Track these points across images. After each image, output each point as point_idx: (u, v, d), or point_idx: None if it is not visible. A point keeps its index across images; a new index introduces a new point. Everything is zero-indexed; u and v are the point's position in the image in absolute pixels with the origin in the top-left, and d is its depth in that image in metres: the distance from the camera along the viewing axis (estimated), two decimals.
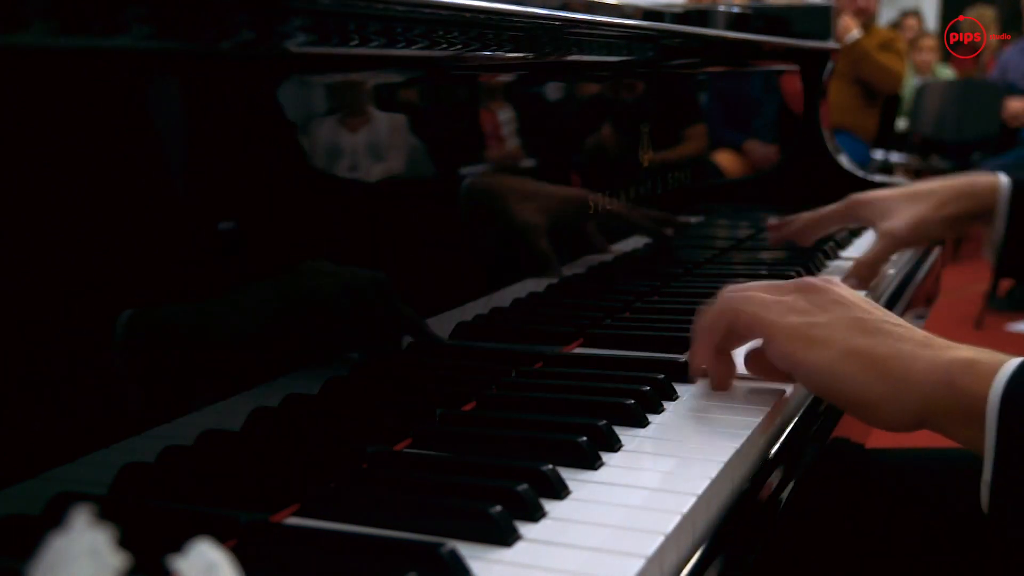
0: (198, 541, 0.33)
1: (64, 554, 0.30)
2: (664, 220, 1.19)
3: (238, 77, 0.60)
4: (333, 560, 0.48)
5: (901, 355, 0.64)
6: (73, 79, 0.50)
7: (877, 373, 0.64)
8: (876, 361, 0.64)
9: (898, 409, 0.63)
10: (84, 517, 0.30)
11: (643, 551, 0.49)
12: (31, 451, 0.49)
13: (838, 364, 0.65)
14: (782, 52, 1.58)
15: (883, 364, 0.64)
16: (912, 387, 0.63)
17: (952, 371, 0.62)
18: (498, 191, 0.88)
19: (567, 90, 0.99)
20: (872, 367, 0.64)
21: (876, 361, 0.64)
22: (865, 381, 0.64)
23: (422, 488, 0.56)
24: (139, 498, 0.53)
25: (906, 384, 0.63)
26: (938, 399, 0.62)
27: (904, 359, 0.64)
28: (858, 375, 0.64)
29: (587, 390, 0.73)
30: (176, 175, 0.57)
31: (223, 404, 0.60)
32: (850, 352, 0.65)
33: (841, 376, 0.65)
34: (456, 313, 0.81)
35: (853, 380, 0.65)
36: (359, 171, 0.71)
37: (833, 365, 0.65)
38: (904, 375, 0.63)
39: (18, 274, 0.48)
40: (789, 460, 0.70)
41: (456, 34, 0.75)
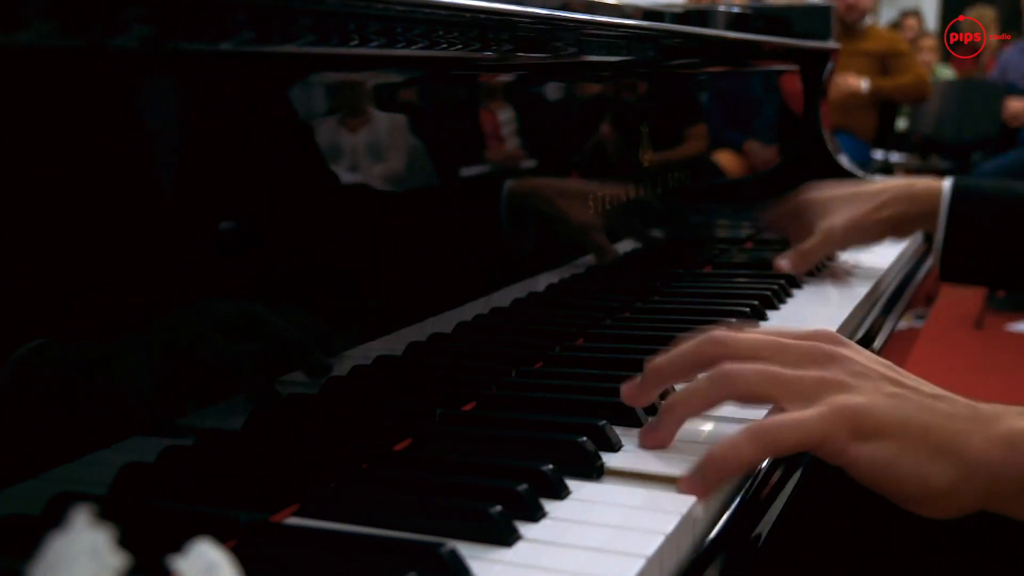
0: (198, 541, 0.33)
1: (64, 554, 0.30)
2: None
3: (238, 77, 0.60)
4: (333, 560, 0.48)
5: (957, 434, 0.57)
6: (73, 79, 0.50)
7: (942, 461, 0.57)
8: (938, 446, 0.57)
9: (965, 497, 0.58)
10: (84, 517, 0.30)
11: (643, 551, 0.49)
12: (31, 451, 0.49)
13: (902, 457, 0.57)
14: (782, 52, 1.58)
15: (945, 448, 0.57)
16: (976, 472, 0.57)
17: (1015, 446, 0.57)
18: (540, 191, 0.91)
19: (567, 90, 0.99)
20: (936, 454, 0.57)
21: (938, 446, 0.57)
22: (931, 473, 0.57)
23: (422, 488, 0.56)
24: (139, 498, 0.53)
25: (969, 470, 0.57)
26: (1002, 479, 0.57)
27: (961, 439, 0.57)
28: (924, 467, 0.57)
29: (587, 390, 0.73)
30: (175, 175, 0.57)
31: (223, 404, 0.60)
32: (911, 439, 0.57)
33: (906, 470, 0.57)
34: (456, 313, 0.81)
35: (920, 473, 0.57)
36: (359, 171, 0.71)
37: (897, 459, 0.57)
38: (965, 458, 0.57)
39: (18, 274, 0.48)
40: (791, 459, 0.70)
41: (456, 34, 0.75)
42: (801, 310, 1.04)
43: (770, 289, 1.04)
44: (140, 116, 0.54)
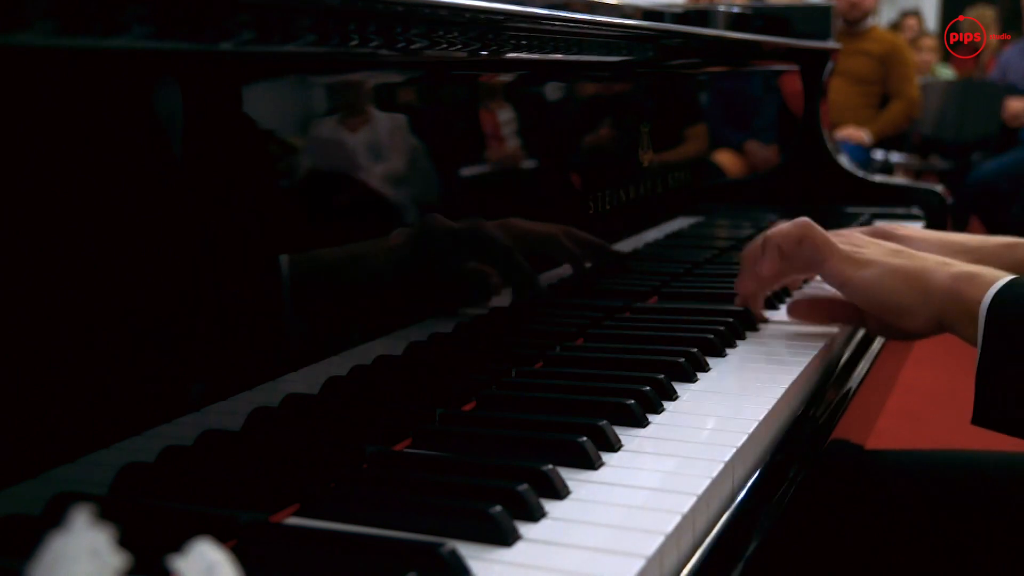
0: (198, 541, 0.33)
1: (64, 554, 0.30)
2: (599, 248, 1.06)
3: (238, 77, 0.60)
4: (333, 560, 0.48)
5: (926, 270, 0.81)
6: (73, 79, 0.50)
7: (909, 285, 0.81)
8: (908, 276, 0.81)
9: (924, 315, 0.80)
10: (84, 517, 0.30)
11: (643, 551, 0.49)
12: (31, 451, 0.49)
13: (880, 280, 0.82)
14: (782, 52, 1.58)
15: (913, 278, 0.81)
16: (933, 296, 0.79)
17: (959, 281, 0.78)
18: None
19: (567, 90, 0.99)
20: (905, 280, 0.81)
21: (908, 276, 0.81)
22: (901, 292, 0.81)
23: (422, 488, 0.56)
24: (139, 498, 0.53)
25: (929, 294, 0.79)
26: (949, 304, 0.78)
27: (927, 273, 0.80)
28: (896, 287, 0.81)
29: (587, 390, 0.73)
30: (175, 175, 0.57)
31: (223, 404, 0.60)
32: (889, 270, 0.82)
33: (882, 288, 0.82)
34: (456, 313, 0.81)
35: (892, 291, 0.82)
36: (359, 171, 0.71)
37: (876, 280, 0.82)
38: (927, 286, 0.80)
39: (18, 273, 0.48)
40: (790, 459, 0.70)
41: (456, 34, 0.75)
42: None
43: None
44: (140, 116, 0.54)
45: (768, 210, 1.57)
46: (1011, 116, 5.02)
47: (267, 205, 0.64)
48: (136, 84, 0.54)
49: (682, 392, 0.74)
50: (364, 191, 0.72)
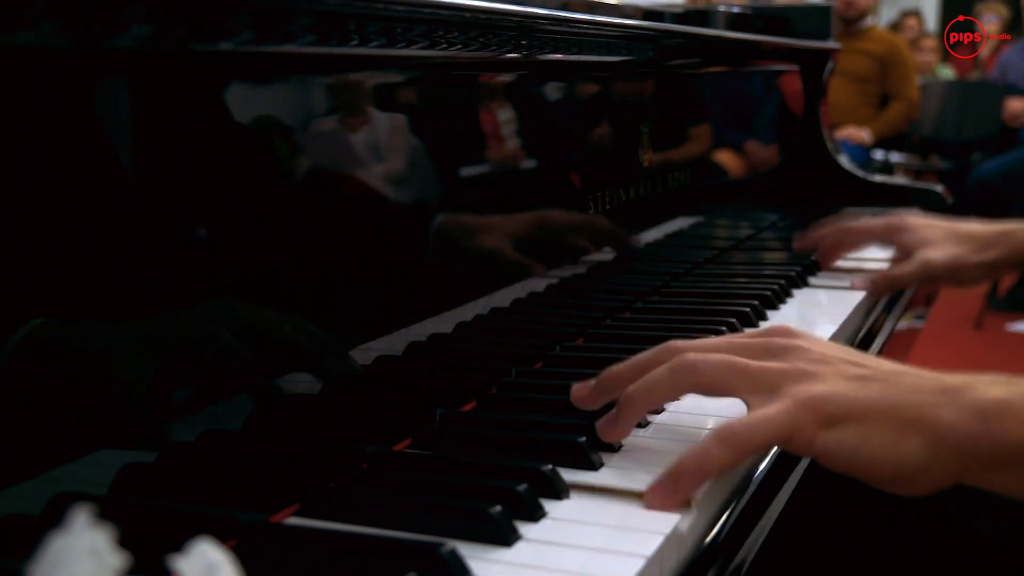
0: (198, 541, 0.33)
1: (64, 554, 0.30)
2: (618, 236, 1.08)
3: (238, 77, 0.60)
4: (333, 560, 0.48)
5: (924, 408, 0.56)
6: (73, 79, 0.50)
7: (911, 437, 0.56)
8: (906, 421, 0.56)
9: (937, 472, 0.56)
10: (84, 517, 0.30)
11: (643, 551, 0.49)
12: (31, 451, 0.49)
13: (871, 439, 0.56)
14: (782, 52, 1.58)
15: (913, 423, 0.56)
16: (946, 445, 0.55)
17: (987, 416, 0.55)
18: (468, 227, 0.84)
19: (567, 90, 0.99)
20: (905, 430, 0.56)
21: (906, 421, 0.56)
22: (901, 452, 0.56)
23: (422, 488, 0.56)
24: (139, 498, 0.53)
25: (939, 444, 0.55)
26: (976, 451, 0.55)
27: (929, 412, 0.56)
28: (894, 446, 0.56)
29: None
30: (175, 175, 0.57)
31: (223, 404, 0.60)
32: (879, 417, 0.56)
33: (876, 451, 0.56)
34: (456, 313, 0.81)
35: (890, 453, 0.56)
36: (359, 171, 0.71)
37: (866, 442, 0.56)
38: (936, 432, 0.55)
39: (18, 274, 0.48)
40: (791, 457, 0.70)
41: (456, 34, 0.75)
42: (801, 310, 1.04)
43: (770, 289, 1.04)
44: (140, 116, 0.54)
45: (768, 210, 1.57)
46: (1011, 116, 5.02)
47: (266, 205, 0.64)
48: (136, 84, 0.54)
49: None
50: (364, 191, 0.72)
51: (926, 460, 0.55)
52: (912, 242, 1.13)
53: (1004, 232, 1.12)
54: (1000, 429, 0.54)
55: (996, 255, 1.11)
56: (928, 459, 0.55)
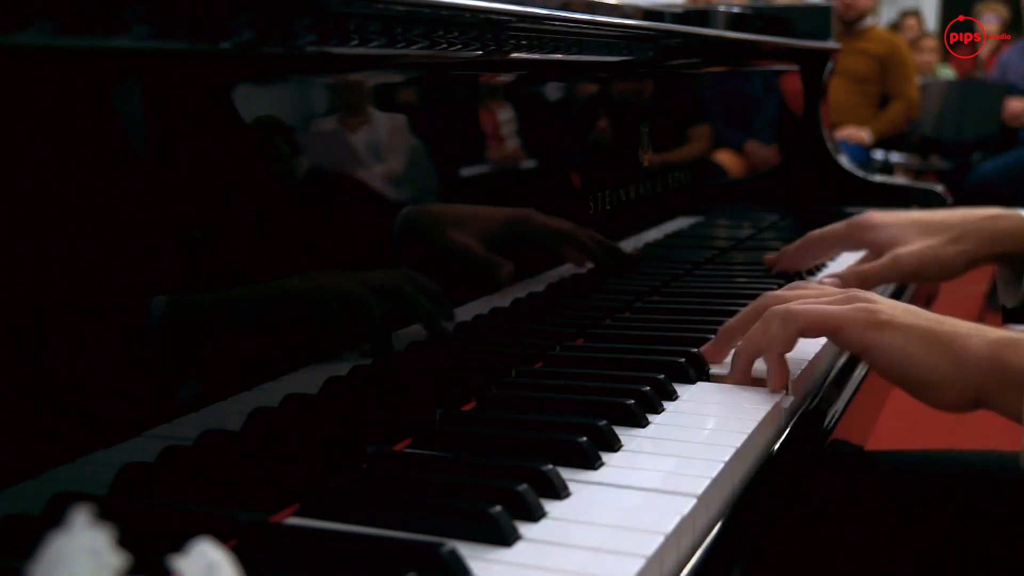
0: (198, 541, 0.33)
1: (64, 554, 0.30)
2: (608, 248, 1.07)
3: (238, 77, 0.60)
4: (333, 560, 0.48)
5: (958, 335, 0.70)
6: (73, 79, 0.50)
7: (942, 353, 0.69)
8: (941, 341, 0.70)
9: (959, 388, 0.69)
10: (84, 517, 0.30)
11: (643, 551, 0.49)
12: (31, 451, 0.49)
13: (908, 345, 0.70)
14: (782, 52, 1.58)
15: (946, 344, 0.69)
16: (969, 365, 0.68)
17: (1000, 348, 0.68)
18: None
19: (567, 90, 0.99)
20: (938, 347, 0.69)
21: (941, 341, 0.70)
22: (932, 361, 0.69)
23: (422, 488, 0.56)
24: (139, 498, 0.53)
25: (965, 363, 0.68)
26: (990, 375, 0.68)
27: (960, 339, 0.69)
28: (927, 355, 0.70)
29: (587, 390, 0.73)
30: (175, 175, 0.57)
31: (223, 404, 0.60)
32: (918, 333, 0.70)
33: (912, 356, 0.70)
34: (459, 312, 0.81)
35: (923, 361, 0.70)
36: (359, 171, 0.71)
37: (904, 346, 0.70)
38: (963, 354, 0.69)
39: (18, 274, 0.48)
40: (789, 460, 0.70)
41: (456, 34, 0.75)
42: None
43: (769, 289, 1.04)
44: (140, 116, 0.54)
45: (768, 210, 1.57)
46: (1011, 116, 5.02)
47: (266, 205, 0.64)
48: (135, 84, 0.54)
49: (682, 392, 0.74)
50: (364, 191, 0.72)
51: (952, 376, 0.69)
52: (882, 239, 1.06)
53: (985, 218, 1.04)
54: (1008, 355, 0.67)
55: (973, 244, 1.03)
56: (954, 376, 0.69)
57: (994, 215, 1.04)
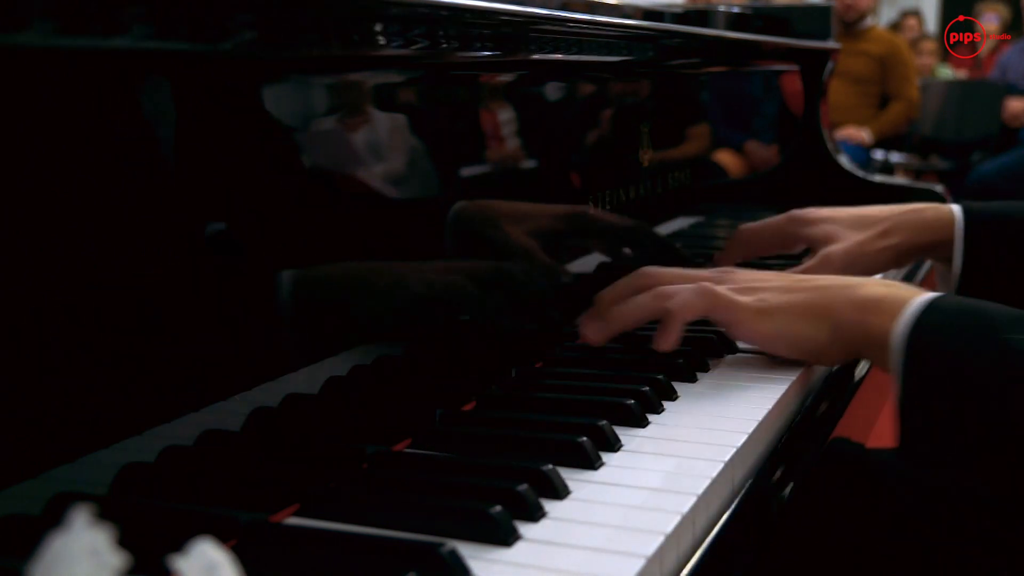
0: (198, 541, 0.33)
1: (64, 554, 0.30)
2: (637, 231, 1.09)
3: (238, 77, 0.60)
4: (333, 560, 0.48)
5: (828, 303, 0.76)
6: (73, 79, 0.50)
7: (815, 323, 0.76)
8: (813, 312, 0.77)
9: (837, 350, 0.77)
10: (84, 517, 0.30)
11: (643, 551, 0.49)
12: (31, 451, 0.49)
13: (788, 326, 0.78)
14: (782, 52, 1.58)
15: (818, 314, 0.76)
16: (840, 331, 0.75)
17: (865, 311, 0.73)
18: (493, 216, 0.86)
19: (567, 90, 0.99)
20: (811, 319, 0.77)
21: (813, 312, 0.77)
22: (809, 333, 0.77)
23: (422, 488, 0.56)
24: (139, 498, 0.53)
25: (836, 329, 0.75)
26: (859, 338, 0.74)
27: (830, 306, 0.76)
28: (804, 330, 0.77)
29: (587, 390, 0.73)
30: (175, 176, 0.57)
31: (223, 404, 0.60)
32: (793, 312, 0.77)
33: (792, 334, 0.78)
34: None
35: (804, 335, 0.77)
36: (358, 171, 0.71)
37: (785, 328, 0.78)
38: (833, 321, 0.75)
39: (18, 274, 0.48)
40: (789, 459, 0.70)
41: (456, 34, 0.75)
42: None
43: None
44: (139, 116, 0.54)
45: (768, 210, 1.56)
46: (1011, 116, 5.03)
47: (268, 206, 0.64)
48: (135, 84, 0.54)
49: (682, 392, 0.74)
50: (364, 192, 0.72)
51: (830, 340, 0.76)
52: (817, 236, 1.04)
53: (910, 210, 1.04)
54: (873, 319, 0.72)
55: (900, 238, 1.03)
56: (831, 340, 0.76)
57: (920, 208, 1.05)
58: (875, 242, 1.03)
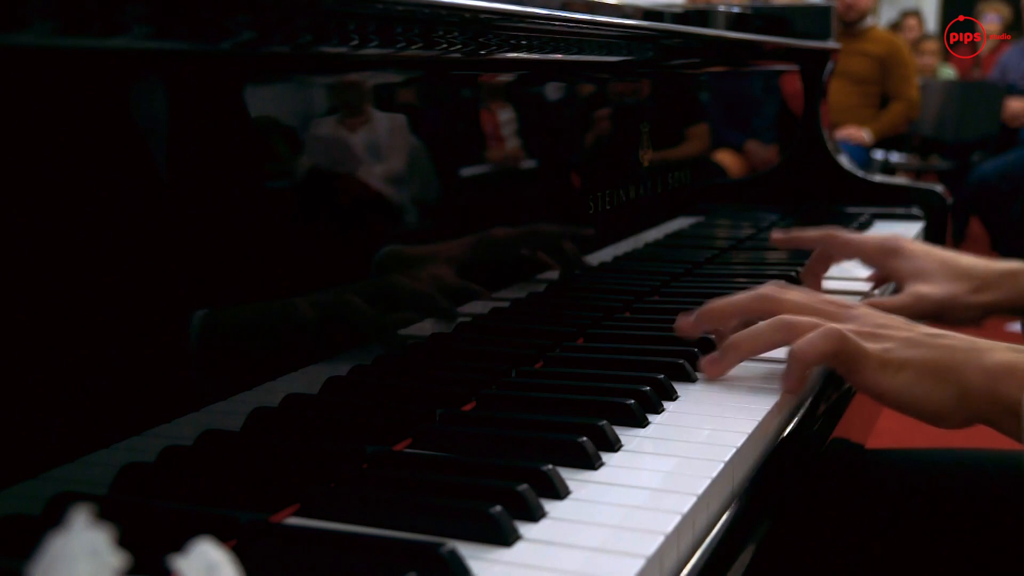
0: (198, 541, 0.33)
1: (64, 554, 0.30)
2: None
3: (238, 77, 0.60)
4: (333, 560, 0.48)
5: (956, 364, 0.72)
6: (74, 79, 0.50)
7: (942, 385, 0.72)
8: (940, 373, 0.72)
9: (960, 416, 0.72)
10: (84, 517, 0.30)
11: (643, 551, 0.49)
12: (31, 451, 0.49)
13: (914, 385, 0.73)
14: (782, 52, 1.58)
15: (946, 375, 0.72)
16: (968, 395, 0.71)
17: (997, 380, 0.70)
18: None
19: (567, 90, 0.99)
20: (938, 380, 0.72)
21: (940, 373, 0.72)
22: (936, 397, 0.72)
23: (422, 488, 0.56)
24: (139, 498, 0.53)
25: (964, 394, 0.71)
26: (987, 404, 0.70)
27: (960, 369, 0.72)
28: (930, 391, 0.72)
29: (587, 390, 0.73)
30: (175, 176, 0.57)
31: (223, 404, 0.60)
32: (923, 369, 0.73)
33: (917, 395, 0.73)
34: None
35: (928, 397, 0.72)
36: (359, 171, 0.71)
37: (910, 386, 0.73)
38: (961, 385, 0.71)
39: (18, 274, 0.48)
40: (790, 459, 0.70)
41: (456, 34, 0.75)
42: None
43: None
44: (139, 116, 0.54)
45: (768, 210, 1.57)
46: (1011, 116, 5.03)
47: (266, 205, 0.64)
48: (135, 84, 0.54)
49: (682, 392, 0.74)
50: (363, 192, 0.72)
51: (955, 405, 0.72)
52: (906, 271, 1.03)
53: (1008, 273, 1.02)
54: (1004, 387, 0.69)
55: (995, 297, 1.02)
56: (956, 404, 0.72)
57: (1016, 270, 1.02)
58: (969, 296, 1.01)
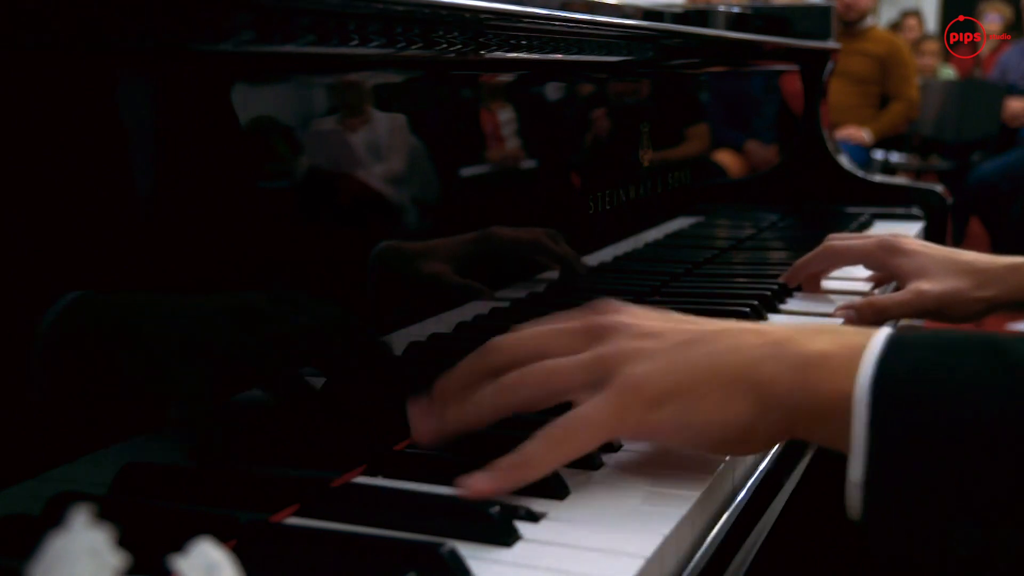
0: (198, 541, 0.33)
1: (64, 554, 0.30)
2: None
3: (238, 77, 0.60)
4: (333, 560, 0.48)
5: (745, 366, 0.55)
6: (75, 79, 0.50)
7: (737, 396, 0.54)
8: (730, 384, 0.55)
9: (767, 427, 0.55)
10: (84, 517, 0.30)
11: (643, 551, 0.49)
12: (31, 451, 0.49)
13: (692, 409, 0.55)
14: (782, 52, 1.58)
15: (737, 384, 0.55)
16: (770, 399, 0.54)
17: (806, 369, 0.54)
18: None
19: (567, 90, 0.99)
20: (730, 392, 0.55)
21: (730, 384, 0.55)
22: (730, 411, 0.54)
23: (422, 488, 0.55)
24: (139, 498, 0.53)
25: (763, 397, 0.54)
26: (796, 404, 0.54)
27: (749, 370, 0.55)
28: (720, 408, 0.55)
29: None
30: (177, 176, 0.57)
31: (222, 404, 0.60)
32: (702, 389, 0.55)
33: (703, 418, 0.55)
34: (456, 313, 0.81)
35: (717, 416, 0.55)
36: (359, 171, 0.71)
37: (691, 412, 0.55)
38: (758, 389, 0.54)
39: (19, 274, 0.48)
40: (789, 459, 0.70)
41: (456, 34, 0.75)
42: (799, 310, 1.04)
43: (770, 289, 1.04)
44: (140, 116, 0.54)
45: (768, 210, 1.57)
46: (1011, 116, 5.03)
47: (266, 205, 0.64)
48: (134, 84, 0.54)
49: None
50: (363, 192, 0.72)
51: (753, 418, 0.54)
52: (907, 268, 1.01)
53: (1011, 268, 0.99)
54: (816, 380, 0.53)
55: (997, 292, 0.99)
56: (755, 417, 0.54)
57: (1020, 265, 1.00)
58: (971, 292, 0.99)
